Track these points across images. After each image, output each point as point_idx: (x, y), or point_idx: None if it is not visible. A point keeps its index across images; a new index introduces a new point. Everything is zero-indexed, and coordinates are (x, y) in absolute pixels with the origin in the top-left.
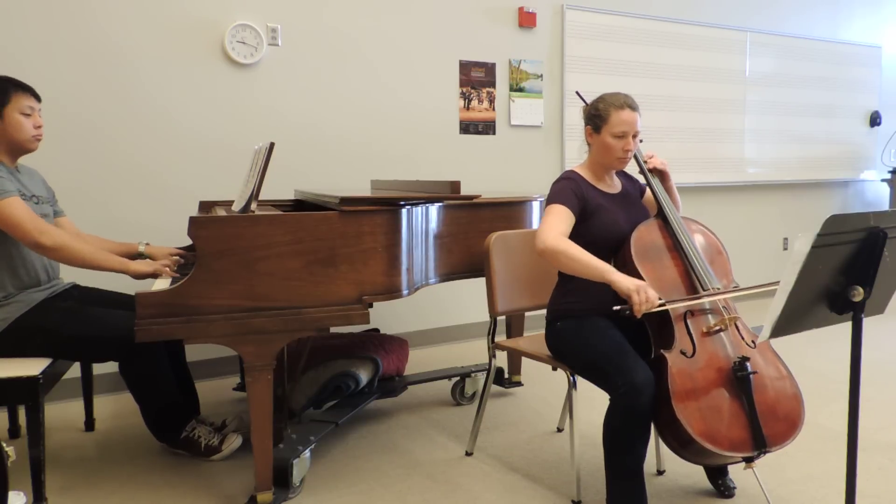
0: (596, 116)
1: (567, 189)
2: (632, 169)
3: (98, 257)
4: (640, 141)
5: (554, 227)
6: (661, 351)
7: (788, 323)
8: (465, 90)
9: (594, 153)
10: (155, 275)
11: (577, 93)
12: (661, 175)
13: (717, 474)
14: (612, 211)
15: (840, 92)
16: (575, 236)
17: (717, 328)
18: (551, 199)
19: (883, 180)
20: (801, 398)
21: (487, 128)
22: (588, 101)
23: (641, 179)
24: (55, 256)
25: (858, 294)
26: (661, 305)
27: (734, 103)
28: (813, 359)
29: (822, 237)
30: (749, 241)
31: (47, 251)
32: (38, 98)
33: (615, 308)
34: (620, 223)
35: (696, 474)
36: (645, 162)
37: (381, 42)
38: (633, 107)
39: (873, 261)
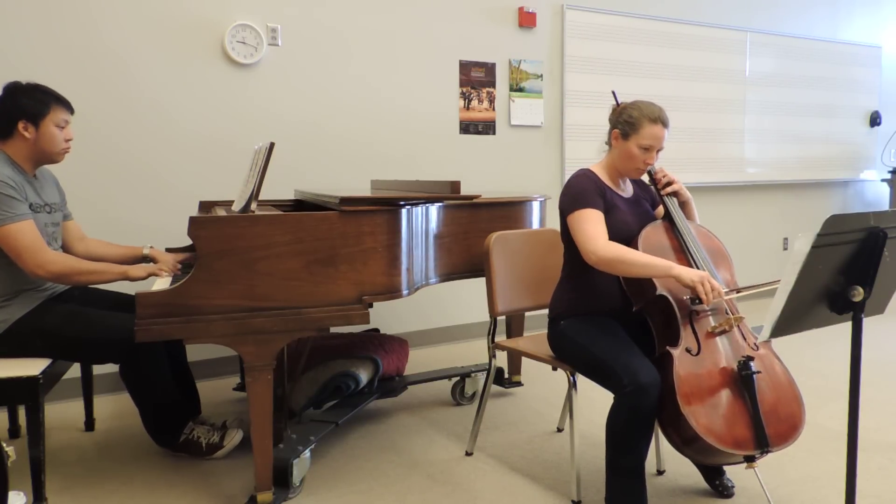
0: (628, 123)
1: (591, 189)
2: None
3: (97, 275)
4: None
5: (599, 234)
6: (667, 347)
7: (788, 323)
8: (465, 90)
9: (614, 157)
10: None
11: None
12: (676, 194)
13: (714, 475)
14: (624, 212)
15: (840, 92)
16: None
17: (722, 329)
18: (579, 202)
19: (883, 180)
20: (802, 402)
21: (487, 128)
22: (620, 102)
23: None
24: (55, 282)
25: (858, 294)
26: (728, 291)
27: (734, 103)
28: (813, 359)
29: (822, 237)
30: (749, 241)
31: (45, 280)
32: (72, 111)
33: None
34: (631, 225)
35: (696, 474)
36: (658, 181)
37: (381, 42)
38: (665, 123)
39: (873, 261)
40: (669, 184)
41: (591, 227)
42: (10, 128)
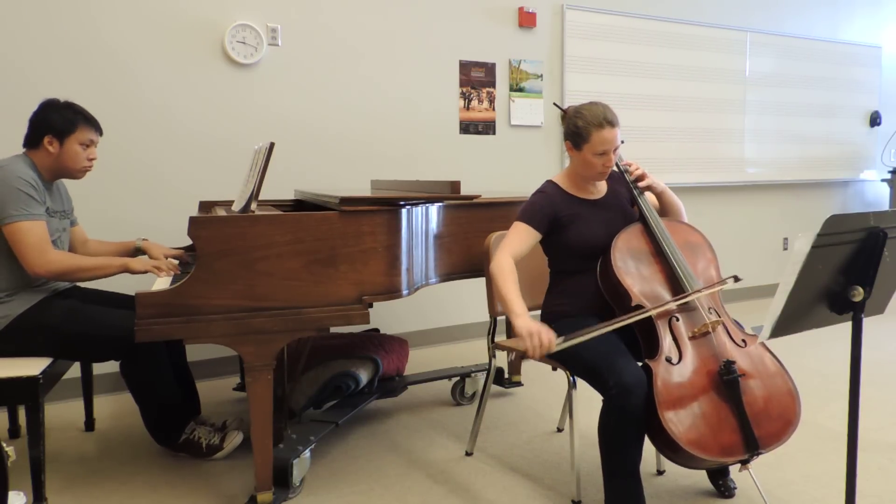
0: (576, 134)
1: (536, 205)
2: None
3: (98, 270)
4: (622, 142)
5: (508, 247)
6: (647, 360)
7: (788, 323)
8: (465, 90)
9: (574, 166)
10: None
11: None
12: (650, 188)
13: (718, 475)
14: (588, 219)
15: (840, 92)
16: (550, 245)
17: (704, 331)
18: (519, 214)
19: (883, 180)
20: (796, 394)
21: (487, 128)
22: (565, 109)
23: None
24: (58, 280)
25: (858, 294)
26: (565, 340)
27: (734, 103)
28: (813, 359)
29: (822, 237)
30: (749, 241)
31: (44, 277)
32: (100, 132)
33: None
34: (597, 231)
35: (696, 474)
36: (633, 180)
37: (381, 42)
38: (612, 122)
39: (873, 261)
40: (640, 178)
41: (510, 237)
42: (38, 140)
